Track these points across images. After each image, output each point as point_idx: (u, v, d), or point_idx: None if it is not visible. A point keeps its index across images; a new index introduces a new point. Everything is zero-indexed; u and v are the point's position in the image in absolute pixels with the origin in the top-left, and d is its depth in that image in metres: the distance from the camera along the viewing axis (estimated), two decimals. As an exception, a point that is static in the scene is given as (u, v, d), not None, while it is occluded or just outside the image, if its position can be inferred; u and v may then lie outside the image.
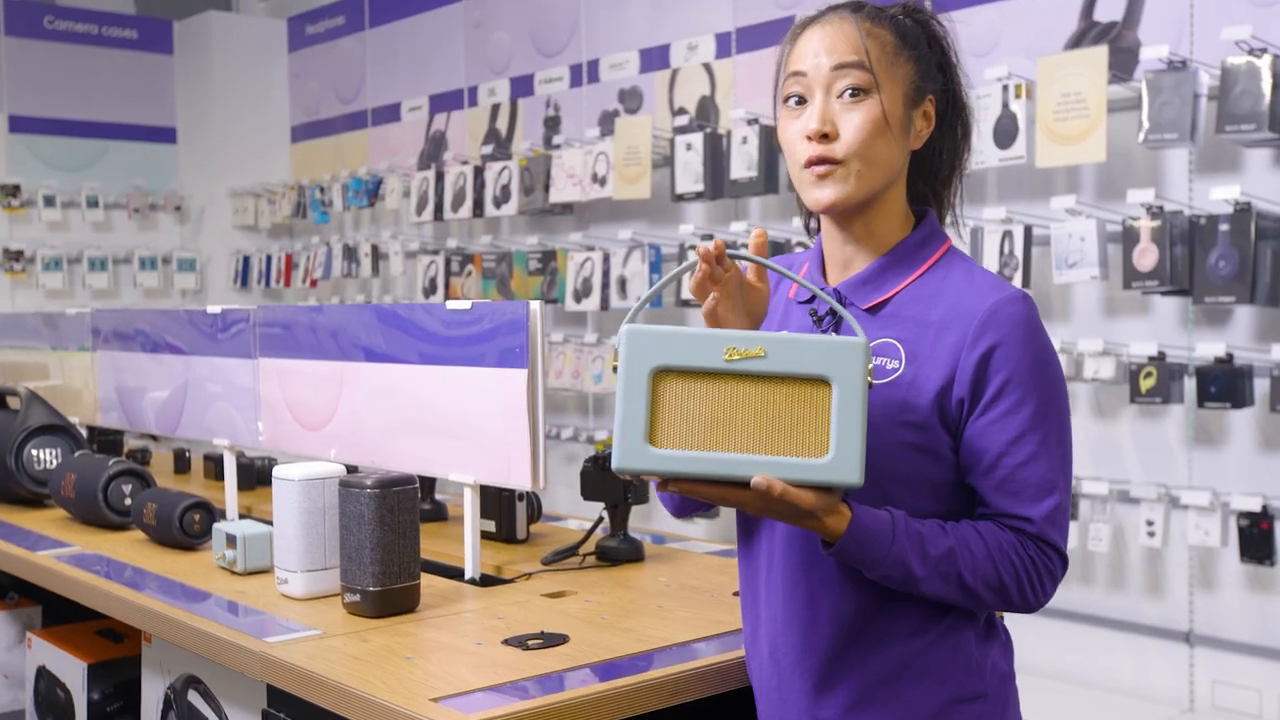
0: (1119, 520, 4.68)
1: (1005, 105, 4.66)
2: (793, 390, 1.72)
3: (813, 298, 2.01)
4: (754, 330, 1.84)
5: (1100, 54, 4.47)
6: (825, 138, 1.89)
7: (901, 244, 1.97)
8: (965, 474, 1.90)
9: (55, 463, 3.79)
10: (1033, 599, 1.89)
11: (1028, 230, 4.67)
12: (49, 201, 8.91)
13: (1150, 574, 4.68)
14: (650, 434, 1.71)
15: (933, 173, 2.06)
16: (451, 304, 2.80)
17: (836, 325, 1.96)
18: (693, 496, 1.76)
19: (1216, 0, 4.44)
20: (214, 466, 4.32)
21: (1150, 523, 4.51)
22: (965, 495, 1.93)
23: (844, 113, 1.89)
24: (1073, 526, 4.64)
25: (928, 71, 1.96)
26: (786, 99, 1.95)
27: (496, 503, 3.20)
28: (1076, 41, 4.81)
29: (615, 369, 1.74)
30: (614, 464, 1.72)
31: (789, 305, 2.06)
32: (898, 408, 1.88)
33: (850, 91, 1.89)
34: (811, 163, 1.90)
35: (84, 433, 4.28)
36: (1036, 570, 1.87)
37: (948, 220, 2.10)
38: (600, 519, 3.02)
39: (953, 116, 2.03)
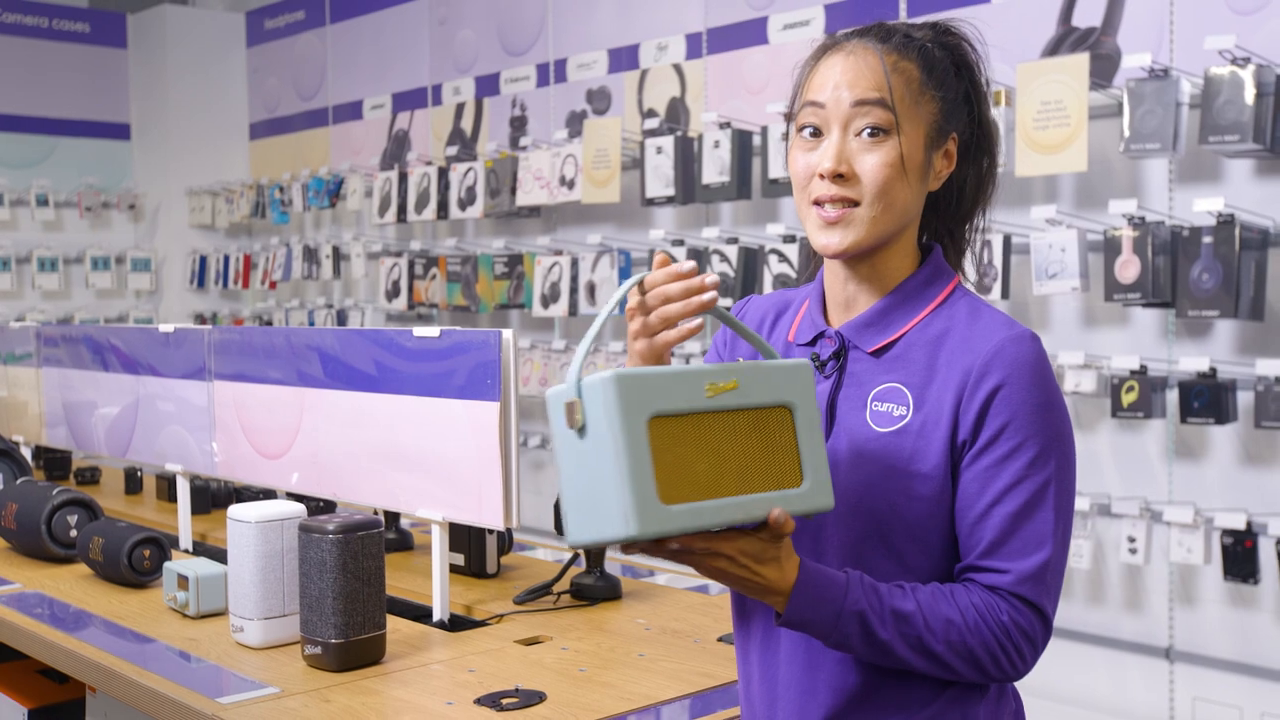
0: (1099, 536, 4.59)
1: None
2: (760, 421, 1.63)
3: (814, 340, 1.89)
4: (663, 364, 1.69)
5: (1081, 61, 4.37)
6: (840, 178, 1.78)
7: (905, 283, 1.86)
8: (956, 523, 1.78)
9: (-5, 490, 3.64)
10: (1009, 668, 1.75)
11: (1007, 240, 4.58)
12: (-4, 199, 8.75)
13: (1130, 590, 4.60)
14: (660, 489, 1.53)
15: (950, 210, 1.94)
16: (419, 331, 2.68)
17: (840, 370, 1.84)
18: (676, 559, 1.63)
19: (1197, 8, 4.35)
20: (167, 486, 4.17)
21: (1132, 539, 4.43)
22: None
23: (861, 153, 1.78)
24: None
25: (953, 108, 1.85)
26: (801, 128, 1.83)
27: (466, 535, 3.07)
28: (1054, 47, 4.72)
29: (582, 427, 1.56)
30: (633, 532, 1.51)
31: (789, 347, 1.94)
32: (907, 457, 1.77)
33: (870, 131, 1.77)
34: (822, 201, 1.79)
35: (29, 450, 4.13)
36: (1009, 636, 1.73)
37: (967, 258, 1.98)
38: (575, 555, 2.91)
39: (977, 150, 1.91)
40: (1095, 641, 4.71)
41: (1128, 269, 4.24)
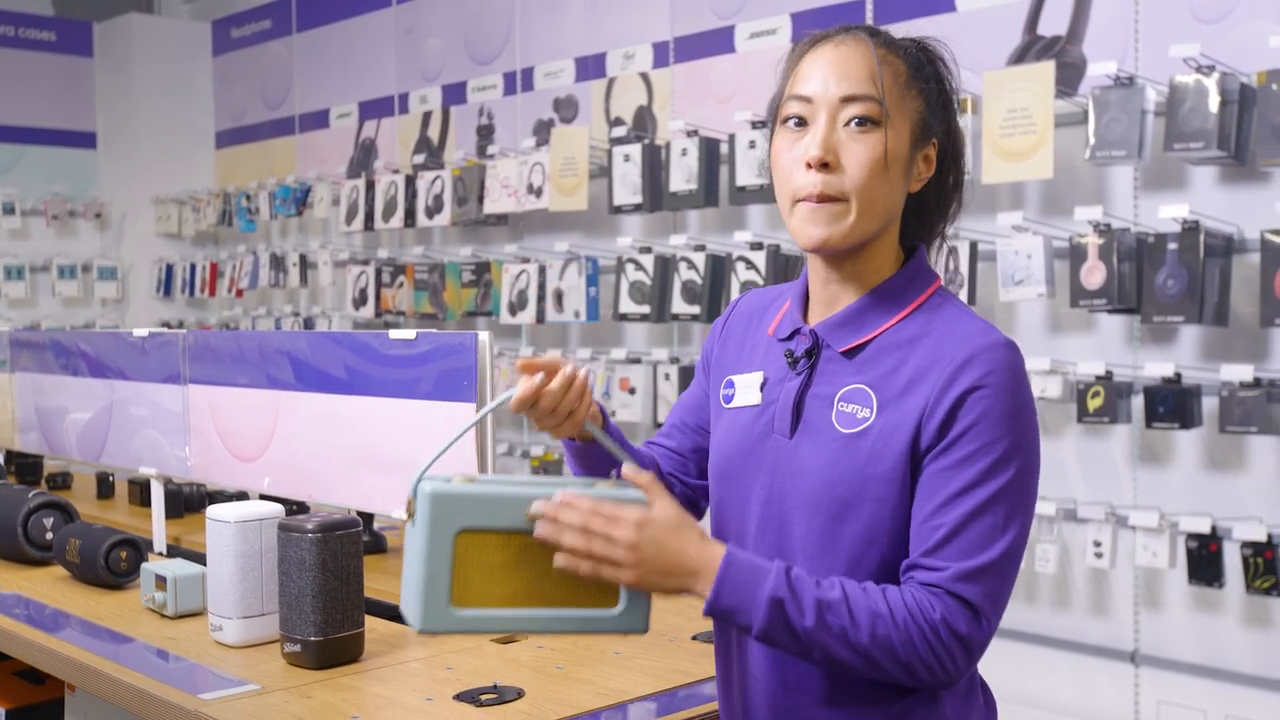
0: (1065, 540, 4.63)
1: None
2: None
3: (790, 336, 1.89)
4: (541, 485, 1.76)
5: (1047, 69, 4.41)
6: (826, 167, 1.76)
7: (885, 284, 1.85)
8: (911, 522, 1.76)
9: (-31, 494, 3.63)
10: (939, 669, 1.70)
11: (973, 246, 4.61)
12: (-36, 208, 8.71)
13: (1096, 594, 4.63)
14: (453, 595, 1.70)
15: (930, 214, 1.94)
16: (395, 333, 2.69)
17: (811, 370, 1.85)
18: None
19: (1163, 17, 4.40)
20: (140, 491, 4.17)
21: (1098, 543, 4.46)
22: None
23: (849, 143, 1.76)
24: (1019, 547, 4.59)
25: (934, 110, 1.85)
26: (786, 119, 1.82)
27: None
28: (1020, 56, 4.76)
29: (410, 518, 1.71)
30: (417, 626, 1.70)
31: (769, 343, 1.94)
32: (865, 459, 1.76)
33: (858, 121, 1.76)
34: (808, 196, 1.78)
35: (1, 455, 4.13)
36: (939, 636, 1.69)
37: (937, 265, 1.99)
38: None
39: (948, 164, 1.90)
40: (1061, 646, 4.74)
41: (1093, 275, 4.28)
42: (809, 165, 1.77)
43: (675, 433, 2.14)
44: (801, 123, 1.80)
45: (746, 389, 1.93)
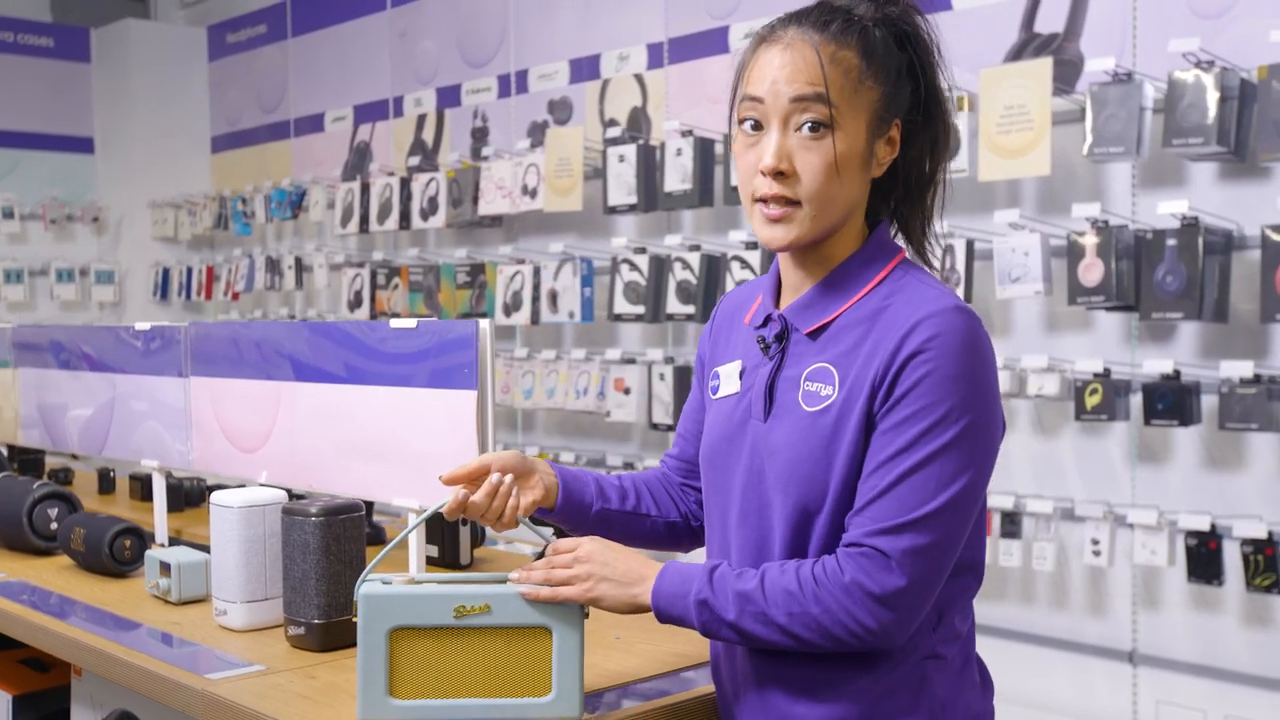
0: (1063, 539, 4.63)
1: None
2: (517, 638, 1.89)
3: (764, 323, 1.94)
4: (480, 584, 1.92)
5: (1044, 66, 4.42)
6: (780, 175, 1.81)
7: (844, 264, 1.89)
8: None
9: (-25, 486, 3.64)
10: (861, 630, 1.74)
11: (970, 244, 4.61)
12: (-37, 212, 8.72)
13: (1094, 593, 4.63)
14: (390, 686, 1.88)
15: (894, 191, 1.97)
16: (396, 322, 2.69)
17: (782, 354, 1.90)
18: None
19: (1161, 13, 4.40)
20: (140, 486, 4.17)
21: (1095, 541, 4.46)
22: None
23: (801, 150, 1.80)
24: (1016, 545, 4.59)
25: (895, 92, 1.86)
26: (742, 120, 1.86)
27: (440, 527, 3.09)
28: (1017, 53, 4.76)
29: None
30: (359, 715, 1.88)
31: (747, 331, 2.00)
32: (829, 435, 1.80)
33: (809, 126, 1.80)
34: (765, 199, 1.83)
35: (3, 451, 4.13)
36: (851, 596, 1.73)
37: (929, 239, 2.00)
38: (547, 545, 2.91)
39: (924, 129, 1.92)
40: (1058, 645, 4.73)
41: (1091, 272, 4.28)
42: (764, 173, 1.82)
43: (682, 441, 2.22)
44: (757, 126, 1.84)
45: (728, 378, 1.99)
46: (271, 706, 2.03)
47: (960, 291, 4.56)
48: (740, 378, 1.96)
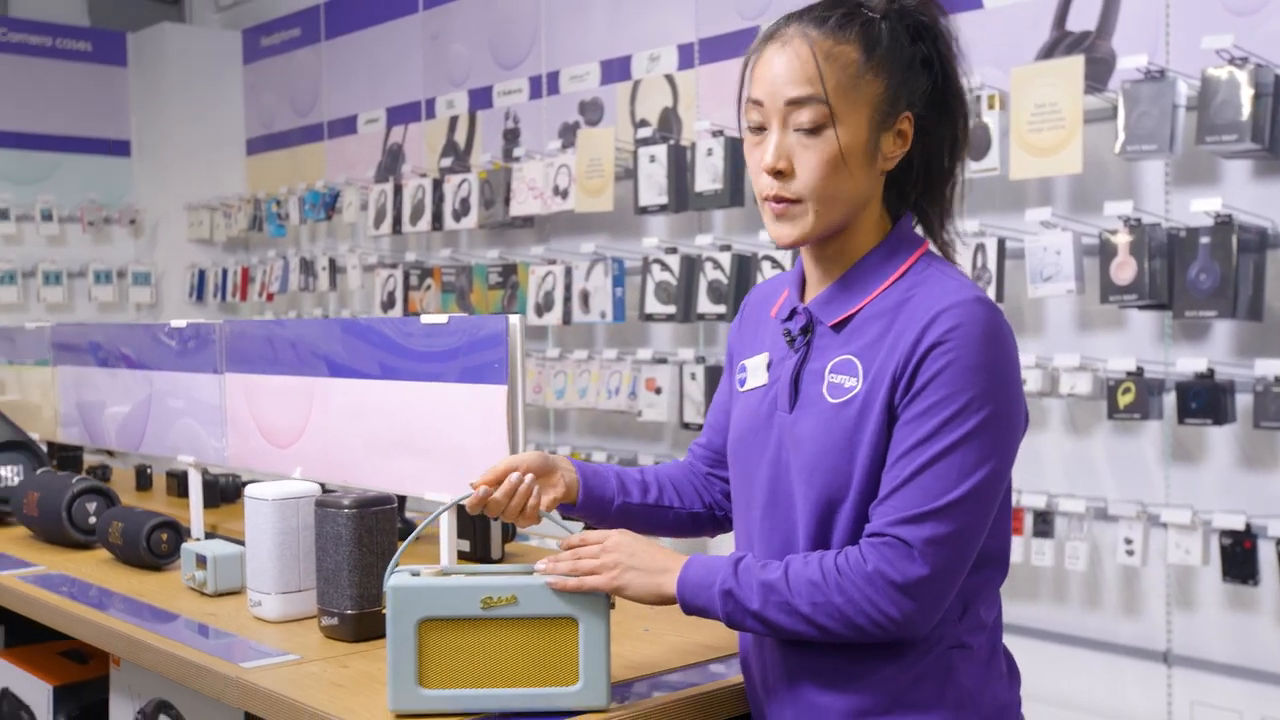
0: (1096, 538, 4.61)
1: (978, 116, 4.59)
2: (544, 628, 1.91)
3: (790, 316, 1.96)
4: (507, 575, 1.95)
5: (1076, 64, 4.41)
6: (780, 174, 1.84)
7: (866, 257, 1.91)
8: None
9: (17, 480, 3.70)
10: (884, 620, 1.75)
11: (1001, 243, 4.61)
12: (2, 215, 8.82)
13: (1128, 593, 4.61)
14: (420, 677, 1.91)
15: (911, 185, 1.98)
16: (427, 318, 2.71)
17: (807, 346, 1.92)
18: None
19: (1194, 9, 4.38)
20: (176, 483, 4.21)
21: (1129, 541, 4.44)
22: None
23: (800, 149, 1.83)
24: (1049, 545, 4.58)
25: (902, 84, 1.86)
26: (748, 123, 1.90)
27: (472, 522, 3.10)
28: (1049, 51, 4.75)
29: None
30: (389, 705, 1.92)
31: (773, 325, 2.02)
32: (853, 427, 1.82)
33: (806, 125, 1.82)
34: (768, 199, 1.86)
35: (43, 448, 4.17)
36: (873, 586, 1.75)
37: (948, 232, 2.01)
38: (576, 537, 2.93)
39: (941, 123, 1.93)
40: (1092, 645, 4.72)
41: (1124, 270, 4.27)
42: (766, 172, 1.85)
43: (710, 431, 2.25)
44: (760, 128, 1.87)
45: (755, 371, 2.02)
46: (306, 695, 2.04)
47: (992, 290, 4.56)
48: (767, 370, 1.99)
